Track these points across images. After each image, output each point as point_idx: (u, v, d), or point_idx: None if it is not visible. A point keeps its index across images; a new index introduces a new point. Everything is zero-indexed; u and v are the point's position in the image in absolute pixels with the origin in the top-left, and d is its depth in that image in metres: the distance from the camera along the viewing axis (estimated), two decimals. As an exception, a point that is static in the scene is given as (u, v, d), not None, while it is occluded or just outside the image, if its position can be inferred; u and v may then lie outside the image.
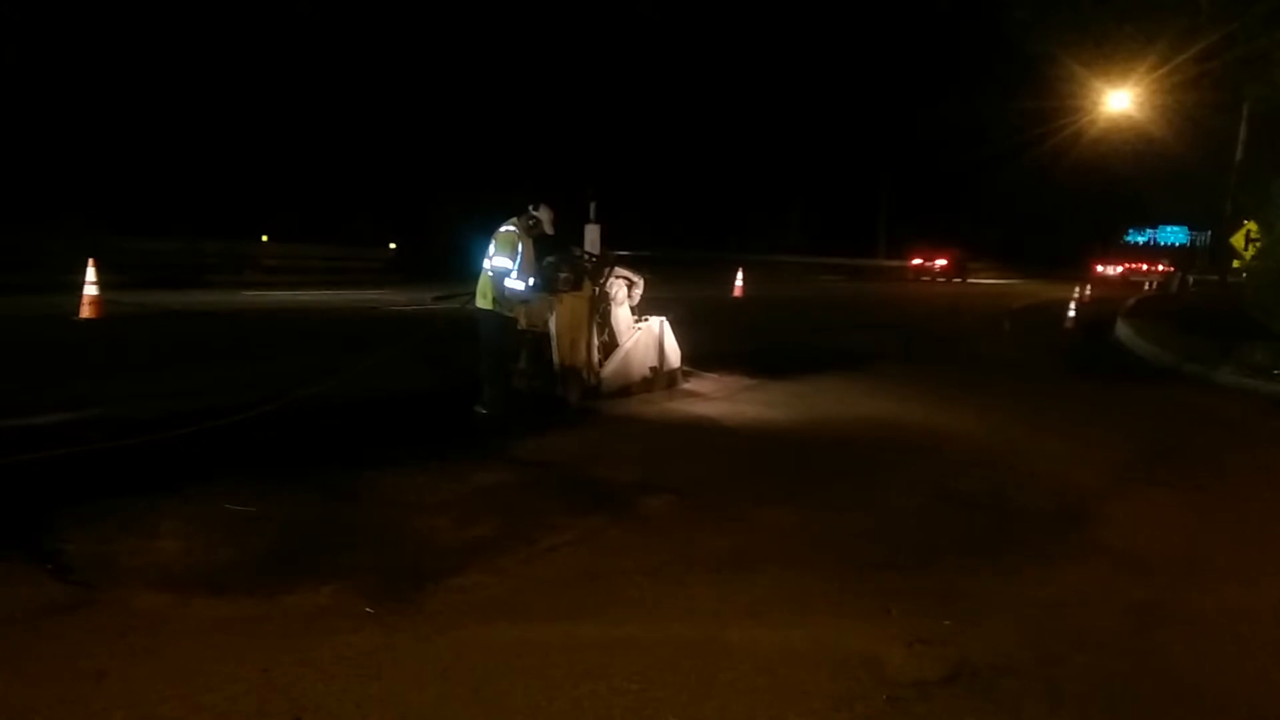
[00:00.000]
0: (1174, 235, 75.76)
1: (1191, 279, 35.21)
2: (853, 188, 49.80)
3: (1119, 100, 19.83)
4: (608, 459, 6.61)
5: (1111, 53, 15.11)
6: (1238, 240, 21.73)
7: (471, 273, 8.08)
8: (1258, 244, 19.23)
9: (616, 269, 8.72)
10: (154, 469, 5.55)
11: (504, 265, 7.57)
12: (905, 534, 5.20)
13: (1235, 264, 22.82)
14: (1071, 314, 20.66)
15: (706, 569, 4.45)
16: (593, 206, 10.18)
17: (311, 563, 4.25)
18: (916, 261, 45.13)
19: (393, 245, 26.50)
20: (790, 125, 43.24)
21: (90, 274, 12.67)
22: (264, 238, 24.49)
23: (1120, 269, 61.91)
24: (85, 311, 12.52)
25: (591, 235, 9.88)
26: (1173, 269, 46.12)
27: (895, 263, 47.25)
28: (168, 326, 13.31)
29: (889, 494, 6.01)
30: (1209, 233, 33.50)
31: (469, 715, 3.01)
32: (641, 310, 9.23)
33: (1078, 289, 23.66)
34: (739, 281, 24.91)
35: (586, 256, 8.90)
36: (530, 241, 7.78)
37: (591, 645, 3.55)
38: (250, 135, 27.15)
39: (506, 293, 7.65)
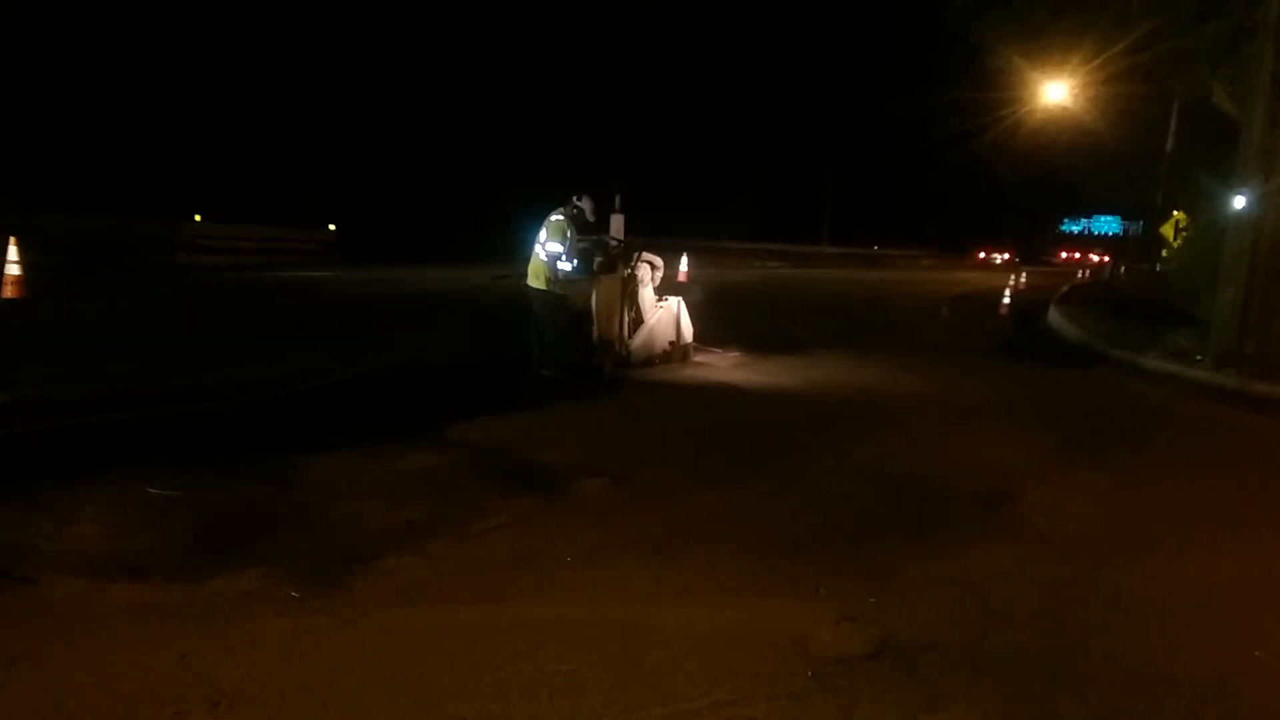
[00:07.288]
0: (1107, 225, 77.87)
1: (1123, 267, 36.16)
2: (798, 179, 50.24)
3: (1055, 92, 20.18)
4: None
5: (1048, 44, 15.36)
6: (1167, 230, 22.33)
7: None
8: (1185, 234, 19.80)
9: (643, 254, 9.61)
10: (75, 454, 5.38)
11: (556, 249, 8.50)
12: (840, 515, 5.26)
13: (1165, 253, 23.49)
14: (1006, 300, 21.12)
15: (648, 550, 4.45)
16: (618, 197, 10.79)
17: (236, 548, 4.16)
18: (982, 255, 64.90)
19: (332, 226, 26.03)
20: (737, 118, 43.42)
21: (12, 252, 12.20)
22: (197, 217, 23.87)
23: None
24: (6, 291, 12.07)
25: (616, 223, 10.74)
26: (1100, 258, 50.50)
27: (838, 249, 48.06)
28: (94, 307, 12.92)
29: (832, 475, 6.11)
30: (1141, 223, 34.40)
31: (392, 699, 2.97)
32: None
33: (1012, 277, 24.14)
34: (684, 265, 24.90)
35: (615, 242, 9.74)
36: (574, 228, 8.69)
37: (520, 627, 3.53)
38: (187, 114, 26.43)
39: (559, 274, 8.55)
